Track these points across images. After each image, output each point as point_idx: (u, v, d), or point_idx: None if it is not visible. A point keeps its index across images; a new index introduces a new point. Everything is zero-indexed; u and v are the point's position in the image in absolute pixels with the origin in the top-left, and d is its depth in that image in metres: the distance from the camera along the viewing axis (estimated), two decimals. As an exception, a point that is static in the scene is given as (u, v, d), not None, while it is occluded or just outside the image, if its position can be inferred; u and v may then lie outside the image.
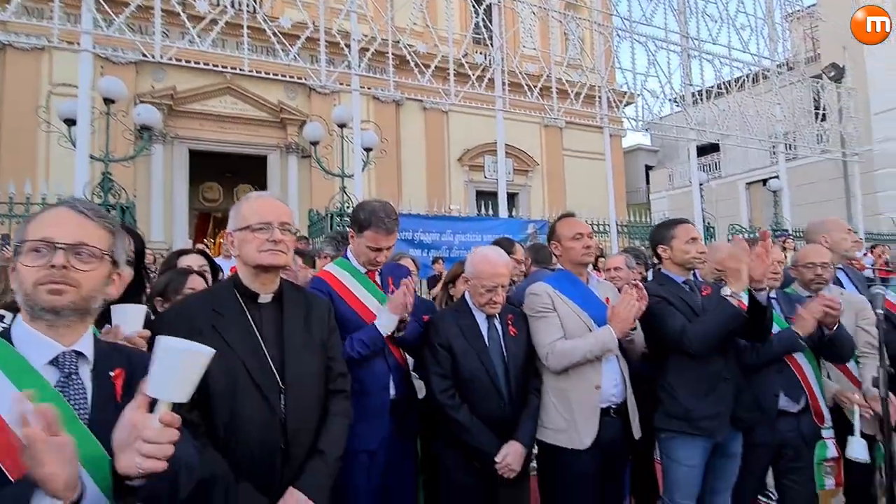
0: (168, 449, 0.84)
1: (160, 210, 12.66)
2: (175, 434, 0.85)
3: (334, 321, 1.69)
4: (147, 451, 0.82)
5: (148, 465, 0.82)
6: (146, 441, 0.82)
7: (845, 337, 2.25)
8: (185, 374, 0.83)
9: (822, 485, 2.24)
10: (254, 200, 1.51)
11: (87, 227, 1.03)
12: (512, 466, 1.92)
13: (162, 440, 0.83)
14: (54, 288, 0.98)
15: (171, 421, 0.84)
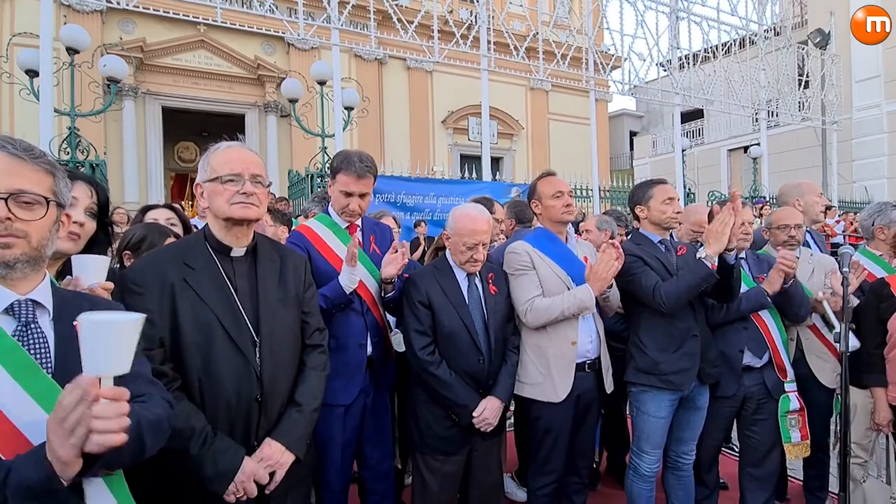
0: (124, 421, 0.82)
1: (133, 169, 12.24)
2: (125, 406, 0.83)
3: (311, 276, 1.66)
4: (101, 426, 0.79)
5: (106, 439, 0.80)
6: (97, 417, 0.79)
7: (800, 294, 2.33)
8: (119, 346, 0.80)
9: (789, 438, 2.33)
10: (223, 150, 1.44)
11: (23, 171, 0.96)
12: (489, 420, 1.97)
13: (111, 414, 0.80)
14: (1, 241, 0.93)
15: (116, 394, 0.81)
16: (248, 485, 1.34)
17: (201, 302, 1.36)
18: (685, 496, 2.35)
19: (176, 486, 1.33)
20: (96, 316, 0.81)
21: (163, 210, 2.19)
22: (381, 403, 2.10)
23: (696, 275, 2.04)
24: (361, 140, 13.27)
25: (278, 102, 13.41)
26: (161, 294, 1.34)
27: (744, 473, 2.46)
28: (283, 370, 1.48)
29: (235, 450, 1.35)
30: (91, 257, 1.32)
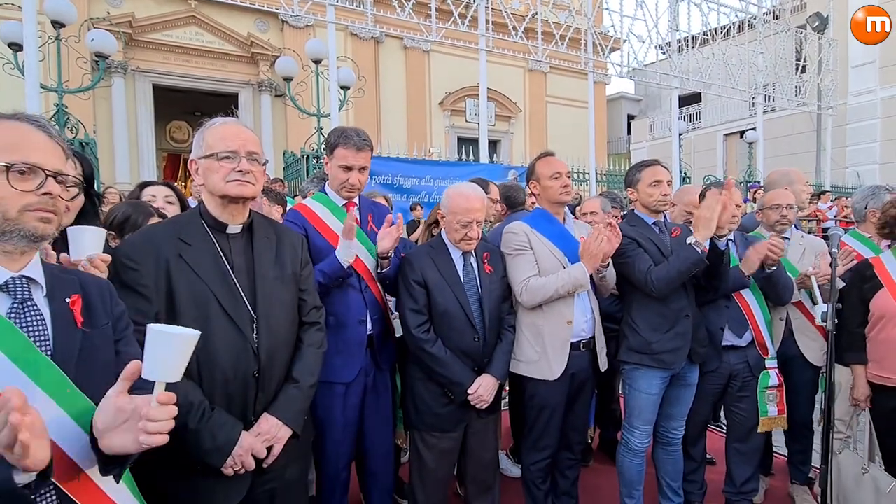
0: (170, 424, 0.88)
1: (124, 149, 12.06)
2: (174, 409, 0.89)
3: (307, 255, 1.66)
4: (153, 428, 0.86)
5: (154, 439, 0.87)
6: (151, 420, 0.86)
7: (784, 278, 2.36)
8: (176, 356, 0.89)
9: (766, 411, 2.41)
10: (218, 126, 1.42)
11: (59, 154, 1.00)
12: (484, 398, 2.00)
13: (164, 417, 0.87)
14: (46, 216, 0.95)
15: (168, 399, 0.88)
16: (245, 458, 1.35)
17: (197, 278, 1.36)
18: (674, 470, 2.42)
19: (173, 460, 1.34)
20: (164, 328, 0.89)
21: (161, 187, 2.17)
22: (381, 382, 2.11)
23: (686, 260, 2.06)
24: (357, 121, 13.10)
25: (272, 81, 13.18)
26: (156, 269, 1.33)
27: (730, 448, 2.53)
28: (281, 347, 1.48)
29: (233, 424, 1.36)
30: (87, 228, 1.31)
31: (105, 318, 1.06)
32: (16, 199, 0.91)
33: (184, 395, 1.29)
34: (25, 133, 0.96)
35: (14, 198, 0.91)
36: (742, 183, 9.69)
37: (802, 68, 11.33)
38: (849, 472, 2.20)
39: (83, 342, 0.99)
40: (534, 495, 2.29)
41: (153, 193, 2.10)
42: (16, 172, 0.91)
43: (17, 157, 0.92)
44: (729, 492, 2.56)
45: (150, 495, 1.14)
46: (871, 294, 2.20)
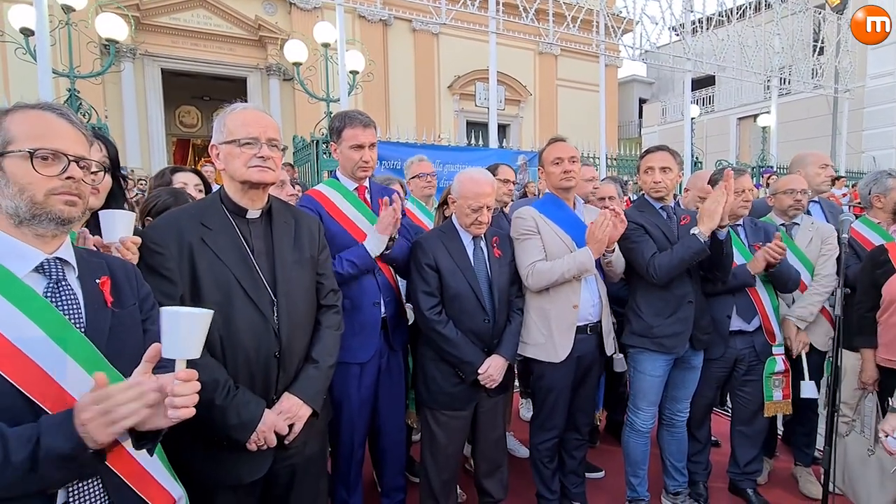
0: (194, 398, 0.93)
1: (135, 134, 12.13)
2: (198, 384, 0.94)
3: (324, 239, 1.71)
4: (179, 402, 0.91)
5: (181, 413, 0.92)
6: (176, 395, 0.91)
7: (786, 274, 2.40)
8: (191, 335, 0.94)
9: (771, 396, 2.46)
10: (239, 112, 1.45)
11: (82, 140, 1.04)
12: (494, 377, 2.05)
13: (189, 392, 0.92)
14: (71, 199, 0.99)
15: (189, 376, 0.93)
16: (268, 435, 1.42)
17: (219, 261, 1.41)
18: (678, 451, 2.47)
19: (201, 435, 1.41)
20: (177, 309, 0.93)
21: (191, 174, 2.22)
22: (395, 363, 2.18)
23: (689, 249, 2.09)
24: (366, 105, 13.03)
25: (281, 65, 13.13)
26: (180, 253, 1.38)
27: (735, 431, 2.58)
28: (300, 328, 1.54)
29: (257, 402, 1.42)
30: (118, 212, 1.37)
31: (132, 299, 1.12)
32: (42, 184, 0.96)
33: (210, 373, 1.36)
34: (49, 121, 1.00)
35: (40, 182, 0.96)
36: (754, 168, 9.56)
37: (820, 50, 11.05)
38: (855, 453, 2.24)
39: (113, 321, 1.05)
40: (541, 474, 2.36)
41: (185, 181, 2.15)
42: (39, 158, 0.96)
43: (41, 144, 0.96)
44: (733, 472, 2.61)
45: (178, 468, 1.21)
46: (883, 279, 2.21)
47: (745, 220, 2.51)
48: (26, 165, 0.95)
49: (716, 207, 2.04)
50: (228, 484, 1.45)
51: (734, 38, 9.47)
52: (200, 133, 15.32)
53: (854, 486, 2.24)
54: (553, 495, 2.37)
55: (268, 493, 1.57)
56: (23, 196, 0.95)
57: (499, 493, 2.29)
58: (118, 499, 1.01)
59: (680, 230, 2.28)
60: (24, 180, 0.95)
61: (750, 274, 2.34)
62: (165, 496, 1.10)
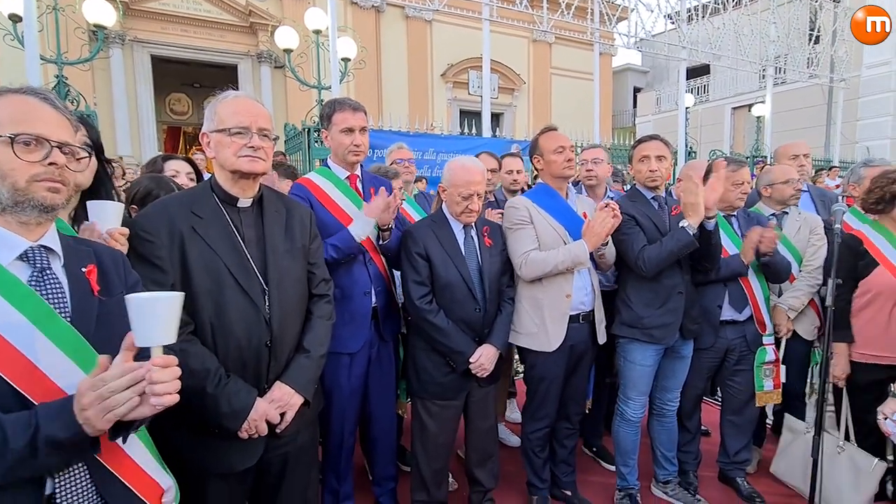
0: (176, 384, 0.93)
1: (125, 121, 11.97)
2: (178, 370, 0.93)
3: (316, 228, 1.71)
4: (160, 389, 0.90)
5: (164, 400, 0.91)
6: (156, 383, 0.90)
7: (777, 265, 2.42)
8: (160, 320, 0.91)
9: (762, 386, 2.49)
10: (231, 100, 1.44)
11: (66, 125, 1.02)
12: (485, 367, 2.07)
13: (168, 378, 0.91)
14: (54, 186, 0.98)
15: (166, 362, 0.91)
16: (260, 423, 1.43)
17: (210, 250, 1.40)
18: (668, 440, 2.51)
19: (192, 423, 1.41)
20: (142, 296, 0.91)
21: (184, 163, 2.21)
22: (385, 353, 2.19)
23: (678, 242, 2.11)
24: (358, 93, 12.92)
25: (272, 52, 12.96)
26: (171, 241, 1.37)
27: (724, 420, 2.62)
28: (292, 318, 1.54)
29: (248, 390, 1.43)
30: (107, 203, 1.35)
31: (120, 287, 1.11)
32: (24, 170, 0.95)
33: (201, 361, 1.36)
34: (32, 106, 0.98)
35: (22, 169, 0.94)
36: (749, 158, 9.59)
37: (816, 39, 11.06)
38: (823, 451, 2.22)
39: (100, 310, 1.04)
40: (532, 463, 2.38)
41: (177, 169, 2.13)
42: (21, 144, 0.94)
43: (23, 129, 0.95)
44: (723, 462, 2.66)
45: (168, 456, 1.21)
46: (866, 272, 2.22)
47: (738, 210, 2.53)
48: (7, 151, 0.94)
49: (696, 199, 2.06)
50: (220, 472, 1.46)
51: (730, 26, 9.45)
52: (191, 121, 15.13)
53: (826, 489, 2.18)
54: (544, 484, 2.40)
55: (259, 482, 1.58)
56: (4, 183, 0.94)
57: (490, 482, 2.32)
58: (106, 489, 1.01)
59: (671, 220, 2.29)
60: (6, 166, 0.94)
61: (742, 263, 2.35)
62: (154, 486, 1.10)
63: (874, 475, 2.14)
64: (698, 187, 2.07)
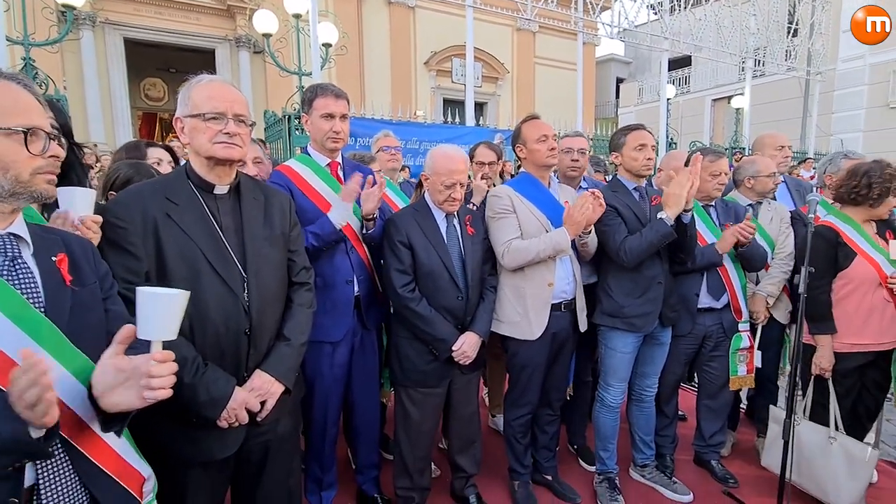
0: (172, 379, 0.94)
1: (97, 106, 11.60)
2: (175, 365, 0.95)
3: (295, 216, 1.68)
4: (157, 384, 0.92)
5: (158, 394, 0.93)
6: (153, 377, 0.91)
7: (756, 252, 2.50)
8: (168, 316, 0.94)
9: (736, 371, 2.57)
10: (205, 84, 1.40)
11: (43, 111, 1.00)
12: (468, 354, 2.08)
13: (165, 373, 0.93)
14: (52, 178, 0.99)
15: (166, 357, 0.93)
16: (240, 412, 1.41)
17: (186, 237, 1.37)
18: (646, 425, 2.57)
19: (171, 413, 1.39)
20: (153, 290, 0.92)
21: (163, 151, 2.15)
22: (368, 342, 2.19)
23: (657, 233, 2.14)
24: (340, 80, 12.73)
25: (251, 37, 12.66)
26: (144, 228, 1.34)
27: (700, 405, 2.70)
28: (271, 306, 1.52)
29: (227, 379, 1.41)
30: (77, 190, 1.31)
31: (92, 277, 1.08)
32: (28, 163, 0.93)
33: (177, 350, 1.32)
34: (17, 94, 0.95)
35: (26, 161, 0.93)
36: (727, 149, 9.77)
37: (794, 32, 11.25)
38: (812, 443, 2.28)
39: (73, 300, 1.01)
40: (514, 449, 2.42)
41: (160, 157, 2.09)
42: (21, 135, 0.92)
43: (22, 121, 0.93)
44: (698, 445, 2.74)
45: (147, 444, 1.19)
46: (846, 262, 2.27)
47: (716, 200, 2.58)
48: (12, 143, 0.92)
49: (681, 192, 2.09)
50: (199, 460, 1.44)
51: (711, 17, 9.56)
52: (167, 107, 14.73)
53: (817, 478, 2.26)
54: (525, 470, 2.44)
55: (240, 471, 1.57)
56: (6, 175, 0.92)
57: (472, 468, 2.35)
58: (89, 479, 1.00)
59: (651, 210, 2.32)
60: (9, 158, 0.92)
61: (717, 253, 2.41)
62: (135, 474, 1.10)
63: (870, 464, 2.19)
64: (687, 180, 2.09)
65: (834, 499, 2.24)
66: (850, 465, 2.20)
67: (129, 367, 0.93)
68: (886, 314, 2.25)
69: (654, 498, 2.50)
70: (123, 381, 0.93)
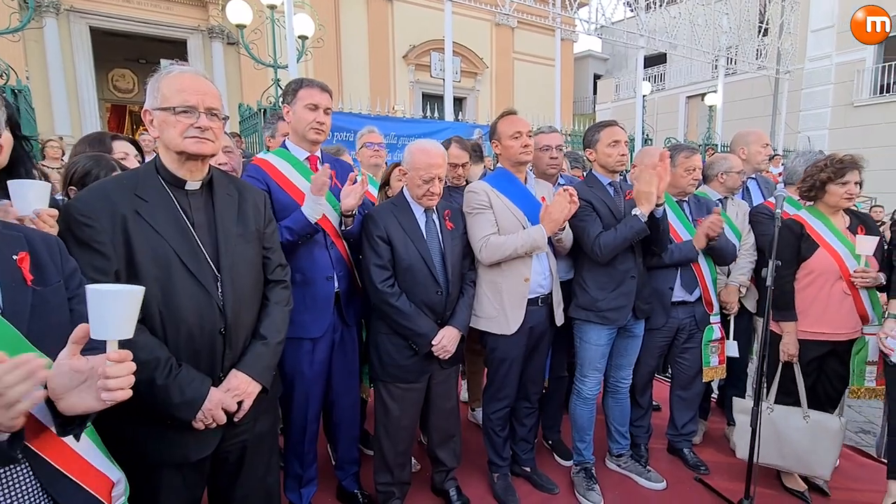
0: (130, 379, 0.90)
1: (63, 98, 11.17)
2: (133, 365, 0.91)
3: (271, 212, 1.66)
4: (113, 385, 0.88)
5: (116, 395, 0.89)
6: (110, 377, 0.88)
7: (726, 246, 2.59)
8: (121, 314, 0.89)
9: (708, 362, 2.65)
10: (175, 76, 1.35)
11: None
12: (448, 348, 2.09)
13: (123, 373, 0.89)
14: None
15: (121, 357, 0.89)
16: (216, 413, 1.38)
17: (156, 234, 1.34)
18: (621, 416, 2.63)
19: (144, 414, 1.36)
20: (103, 287, 0.88)
21: (128, 144, 2.08)
22: (349, 338, 2.18)
23: (631, 229, 2.19)
24: (317, 73, 12.54)
25: (224, 28, 12.34)
26: (112, 226, 1.30)
27: (673, 395, 2.77)
28: (246, 304, 1.49)
29: (202, 379, 1.38)
30: (30, 182, 1.26)
31: (56, 276, 1.04)
32: None
33: (150, 351, 1.31)
34: None
35: None
36: (701, 146, 9.99)
37: (764, 31, 11.56)
38: (789, 424, 2.39)
39: (34, 300, 0.98)
40: (493, 442, 2.45)
41: (126, 151, 2.02)
42: None
43: None
44: (671, 434, 2.82)
45: (120, 446, 1.17)
46: (809, 253, 2.37)
47: (689, 196, 2.64)
48: None
49: (649, 189, 2.14)
50: (174, 462, 1.42)
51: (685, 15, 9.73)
52: (137, 99, 14.27)
53: (799, 455, 2.36)
54: (504, 462, 2.47)
55: (217, 471, 1.55)
56: None
57: (452, 461, 2.37)
58: (52, 486, 0.96)
59: (625, 205, 2.37)
60: None
61: (694, 249, 2.48)
62: (103, 479, 1.07)
63: (842, 431, 2.34)
64: (654, 178, 2.14)
65: (819, 470, 2.37)
66: (827, 436, 2.33)
67: (86, 368, 0.90)
68: (844, 306, 2.34)
69: (629, 486, 2.57)
70: (80, 382, 0.90)
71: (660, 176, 2.16)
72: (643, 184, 2.16)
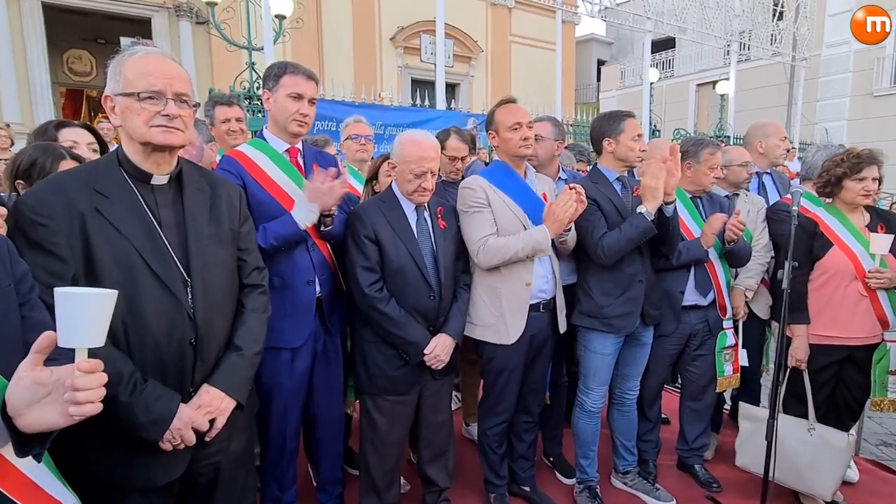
0: (101, 392, 0.89)
1: (11, 82, 10.98)
2: (104, 376, 0.90)
3: (246, 209, 1.64)
4: (83, 398, 0.86)
5: (85, 409, 0.87)
6: (79, 389, 0.86)
7: (744, 249, 2.61)
8: (93, 320, 0.88)
9: (722, 371, 2.67)
10: (140, 58, 1.33)
11: None
12: (441, 358, 2.08)
13: (94, 385, 0.88)
14: None
15: (92, 367, 0.88)
16: (185, 432, 1.36)
17: (119, 235, 1.31)
18: (628, 430, 2.64)
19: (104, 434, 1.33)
20: (72, 290, 0.87)
21: (83, 131, 2.03)
22: (332, 347, 2.16)
23: (637, 228, 2.19)
24: (296, 56, 12.43)
25: (192, 5, 12.22)
26: (70, 225, 1.27)
27: (684, 407, 2.79)
28: (220, 311, 1.47)
29: (170, 396, 1.36)
30: None
31: (6, 280, 1.02)
32: None
33: (111, 364, 1.27)
34: None
35: None
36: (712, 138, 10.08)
37: (779, 15, 11.68)
38: (792, 435, 2.40)
39: None
40: (490, 459, 2.44)
41: (75, 139, 1.97)
42: None
43: None
44: (681, 449, 2.84)
45: (78, 470, 1.14)
46: (821, 253, 2.40)
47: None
48: None
49: (656, 184, 2.14)
50: (138, 487, 1.39)
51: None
52: (95, 83, 14.07)
53: (798, 470, 2.37)
54: (501, 481, 2.47)
55: (187, 495, 1.52)
56: None
57: (444, 481, 2.36)
58: None
59: (633, 202, 2.37)
60: None
61: (702, 248, 2.48)
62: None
63: (849, 450, 2.34)
64: (661, 170, 2.14)
65: (818, 489, 2.38)
66: (830, 453, 2.34)
67: (50, 381, 0.88)
68: (859, 309, 2.37)
69: (636, 506, 2.58)
70: (43, 396, 0.88)
71: (670, 171, 2.15)
72: (649, 178, 2.15)
